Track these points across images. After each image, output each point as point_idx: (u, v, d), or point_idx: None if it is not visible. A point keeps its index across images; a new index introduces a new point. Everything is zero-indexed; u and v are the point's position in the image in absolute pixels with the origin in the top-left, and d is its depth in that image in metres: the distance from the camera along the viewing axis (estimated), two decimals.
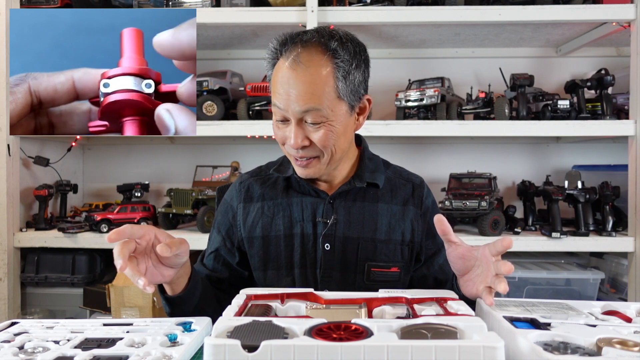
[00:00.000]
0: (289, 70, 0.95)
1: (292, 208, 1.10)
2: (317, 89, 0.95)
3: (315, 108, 0.95)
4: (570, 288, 1.97)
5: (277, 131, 1.03)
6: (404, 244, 1.10)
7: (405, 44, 2.40)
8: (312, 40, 0.97)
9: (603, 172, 2.24)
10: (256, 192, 1.13)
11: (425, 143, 2.50)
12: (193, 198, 2.06)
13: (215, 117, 2.05)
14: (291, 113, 0.96)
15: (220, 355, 0.57)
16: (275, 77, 0.99)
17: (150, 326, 0.78)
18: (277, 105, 0.98)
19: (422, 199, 1.14)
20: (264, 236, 1.10)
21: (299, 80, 0.94)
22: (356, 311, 0.77)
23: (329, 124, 0.97)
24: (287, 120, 0.99)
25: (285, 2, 1.99)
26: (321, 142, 0.98)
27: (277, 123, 1.01)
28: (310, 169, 1.03)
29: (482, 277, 0.85)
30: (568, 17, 1.95)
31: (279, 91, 0.97)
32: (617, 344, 0.60)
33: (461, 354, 0.56)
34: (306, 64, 0.95)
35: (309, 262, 1.07)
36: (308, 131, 0.98)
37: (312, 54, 0.96)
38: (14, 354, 0.67)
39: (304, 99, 0.94)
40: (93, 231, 2.06)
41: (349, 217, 1.08)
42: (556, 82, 2.40)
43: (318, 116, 0.96)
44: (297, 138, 0.97)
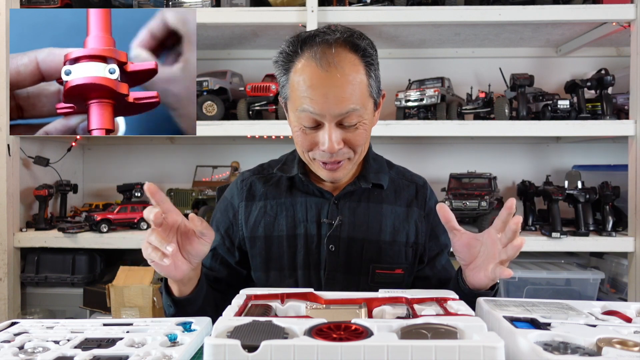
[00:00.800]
0: (321, 71, 0.91)
1: (295, 208, 1.08)
2: (355, 90, 0.93)
3: (355, 109, 0.93)
4: (570, 288, 1.97)
5: (303, 137, 0.98)
6: (408, 246, 1.09)
7: (405, 44, 2.40)
8: (338, 40, 0.93)
9: (603, 172, 2.24)
10: (259, 190, 1.12)
11: (425, 143, 2.50)
12: (193, 198, 2.06)
13: (215, 117, 2.05)
14: (329, 117, 0.93)
15: (220, 355, 0.57)
16: (298, 78, 0.94)
17: (150, 326, 0.78)
18: (308, 110, 0.93)
19: (425, 200, 1.13)
20: (267, 236, 1.08)
21: (337, 82, 0.91)
22: (356, 311, 0.77)
23: (364, 122, 0.97)
24: (319, 124, 0.95)
25: (285, 2, 1.99)
26: (357, 142, 0.97)
27: (304, 129, 0.97)
28: (339, 172, 1.01)
29: (489, 258, 0.85)
30: (568, 17, 1.95)
31: (311, 95, 0.92)
32: (617, 344, 0.60)
33: (461, 354, 0.56)
34: (340, 64, 0.91)
35: (313, 264, 1.06)
36: (343, 133, 0.95)
37: (343, 54, 0.93)
38: (14, 354, 0.67)
39: (345, 101, 0.92)
40: (93, 231, 2.06)
41: (353, 218, 1.07)
42: (556, 82, 2.40)
43: (356, 116, 0.94)
44: (334, 142, 0.94)
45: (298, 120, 0.97)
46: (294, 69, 0.95)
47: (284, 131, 1.98)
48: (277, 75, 1.02)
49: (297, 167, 1.09)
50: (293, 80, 0.96)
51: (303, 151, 1.01)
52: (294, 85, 0.95)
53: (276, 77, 1.03)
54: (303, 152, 1.02)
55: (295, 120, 0.98)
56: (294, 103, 0.97)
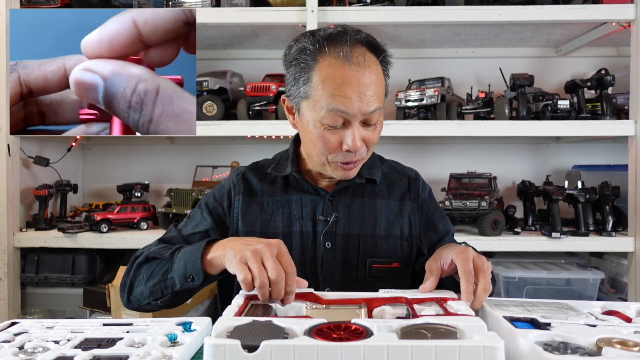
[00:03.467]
0: (353, 71, 0.92)
1: (291, 206, 1.10)
2: (379, 88, 0.97)
3: (379, 107, 0.96)
4: (570, 288, 1.97)
5: (326, 140, 0.96)
6: (403, 239, 1.10)
7: (405, 44, 2.40)
8: (361, 40, 0.96)
9: (603, 172, 2.24)
10: (255, 186, 1.13)
11: (425, 143, 2.50)
12: (193, 198, 2.06)
13: (215, 117, 2.05)
14: (359, 116, 0.94)
15: (220, 355, 0.57)
16: (327, 77, 0.93)
17: (150, 326, 0.78)
18: (339, 110, 0.92)
19: (418, 192, 1.15)
20: (263, 232, 1.09)
21: (368, 81, 0.93)
22: (356, 311, 0.77)
23: (381, 121, 1.00)
24: (345, 124, 0.95)
25: (285, 2, 1.99)
26: (373, 141, 1.00)
27: (328, 130, 0.95)
28: (354, 170, 1.03)
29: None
30: (568, 17, 1.95)
31: (343, 94, 0.92)
32: (617, 344, 0.60)
33: (461, 354, 0.56)
34: (368, 63, 0.94)
35: (309, 261, 1.07)
36: (364, 132, 0.98)
37: (368, 54, 0.96)
38: (14, 354, 0.67)
39: (373, 100, 0.94)
40: (93, 231, 2.06)
41: (349, 215, 1.09)
42: (556, 82, 2.39)
43: (378, 115, 0.97)
44: (359, 141, 0.96)
45: (322, 120, 0.95)
46: (319, 67, 0.94)
47: (284, 131, 1.98)
48: (292, 74, 0.98)
49: (290, 166, 1.10)
50: (318, 79, 0.94)
51: (322, 154, 1.00)
52: (320, 84, 0.94)
53: (288, 75, 1.00)
54: (320, 154, 1.00)
55: (318, 120, 0.96)
56: (317, 102, 0.94)
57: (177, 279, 0.92)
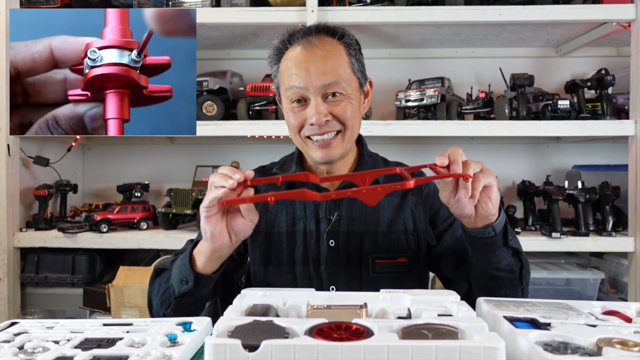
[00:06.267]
0: (304, 51, 1.01)
1: (295, 205, 1.12)
2: (335, 63, 1.01)
3: (336, 80, 1.00)
4: (570, 288, 1.97)
5: (293, 117, 1.04)
6: (408, 233, 1.10)
7: (405, 44, 2.40)
8: (318, 27, 1.05)
9: (603, 172, 2.24)
10: (261, 188, 1.15)
11: (425, 143, 2.50)
12: (193, 198, 2.06)
13: (215, 117, 2.05)
14: (312, 90, 1.00)
15: (221, 355, 0.57)
16: (286, 63, 1.03)
17: (150, 326, 0.78)
18: (294, 86, 1.01)
19: (420, 187, 1.16)
20: (267, 232, 1.11)
21: (318, 57, 1.00)
22: (357, 311, 0.77)
23: (349, 96, 1.03)
24: (306, 99, 1.02)
25: (285, 2, 1.99)
26: (343, 114, 1.02)
27: (293, 107, 1.04)
28: (332, 149, 1.05)
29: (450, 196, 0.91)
30: (568, 17, 1.95)
31: (295, 72, 1.01)
32: (617, 344, 0.60)
33: (462, 354, 0.55)
34: (321, 44, 1.01)
35: (312, 259, 1.08)
36: (328, 106, 1.01)
37: (323, 36, 1.03)
38: (14, 354, 0.67)
39: (326, 73, 1.00)
40: (93, 231, 2.06)
41: (351, 213, 1.10)
42: (556, 82, 2.40)
43: (339, 88, 1.01)
44: (319, 113, 1.00)
45: (287, 101, 1.05)
46: (283, 58, 1.05)
47: (284, 131, 1.98)
48: (271, 71, 1.09)
49: (295, 167, 1.14)
50: (282, 67, 1.05)
51: (295, 133, 1.07)
52: (283, 71, 1.05)
53: (271, 74, 1.11)
54: (295, 134, 1.07)
55: (286, 103, 1.06)
56: (283, 86, 1.05)
57: (175, 284, 0.97)
